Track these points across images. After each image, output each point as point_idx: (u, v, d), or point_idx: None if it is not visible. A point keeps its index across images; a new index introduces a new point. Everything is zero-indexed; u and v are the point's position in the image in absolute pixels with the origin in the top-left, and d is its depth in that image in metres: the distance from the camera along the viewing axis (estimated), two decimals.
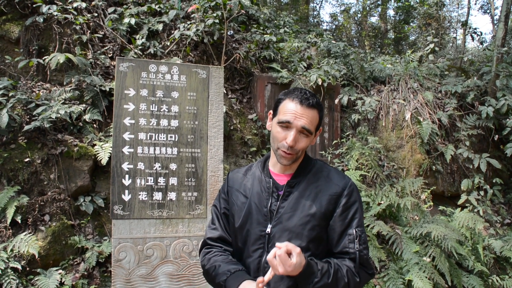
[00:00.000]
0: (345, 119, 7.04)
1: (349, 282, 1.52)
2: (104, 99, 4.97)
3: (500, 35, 7.10)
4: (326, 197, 1.62)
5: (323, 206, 1.60)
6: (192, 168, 3.18)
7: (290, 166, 1.69)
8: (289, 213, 1.60)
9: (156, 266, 3.04)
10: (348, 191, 1.64)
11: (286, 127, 1.59)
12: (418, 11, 14.46)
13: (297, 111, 1.58)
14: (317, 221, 1.59)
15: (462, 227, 5.17)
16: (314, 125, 1.63)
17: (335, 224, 1.61)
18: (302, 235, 1.58)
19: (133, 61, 3.14)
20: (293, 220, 1.59)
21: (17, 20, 5.31)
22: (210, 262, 1.67)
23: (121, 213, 2.98)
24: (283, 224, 1.60)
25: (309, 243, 1.58)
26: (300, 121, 1.57)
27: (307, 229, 1.58)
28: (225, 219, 1.79)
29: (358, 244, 1.58)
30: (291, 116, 1.58)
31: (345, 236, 1.60)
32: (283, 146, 1.59)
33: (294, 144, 1.57)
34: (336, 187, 1.64)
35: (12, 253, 3.72)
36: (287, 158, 1.61)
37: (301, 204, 1.61)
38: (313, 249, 1.59)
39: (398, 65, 7.90)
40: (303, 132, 1.59)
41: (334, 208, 1.62)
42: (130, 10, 6.09)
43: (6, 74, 4.98)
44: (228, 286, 1.52)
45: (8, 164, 4.12)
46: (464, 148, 6.50)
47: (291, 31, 8.74)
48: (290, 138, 1.56)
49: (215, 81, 3.31)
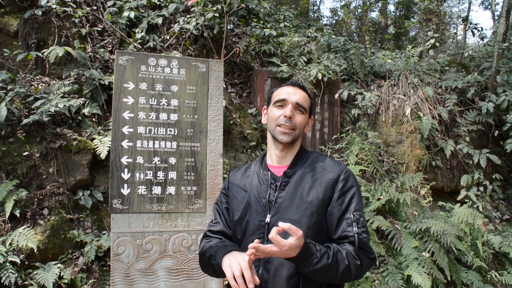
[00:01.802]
0: (345, 114, 7.03)
1: (350, 265, 1.51)
2: (103, 92, 4.95)
3: (501, 30, 7.07)
4: (323, 184, 1.64)
5: (320, 193, 1.63)
6: (191, 162, 3.16)
7: (286, 154, 1.74)
8: (287, 202, 1.63)
9: (155, 260, 3.03)
10: (344, 176, 1.66)
11: (281, 105, 1.70)
12: (418, 6, 14.39)
13: (290, 91, 1.72)
14: (315, 208, 1.61)
15: (461, 222, 5.17)
16: (307, 104, 1.75)
17: (333, 209, 1.62)
18: (300, 222, 1.59)
19: (132, 55, 3.11)
20: (291, 208, 1.62)
21: (15, 13, 5.27)
22: (205, 247, 1.72)
23: (120, 207, 2.97)
24: (281, 213, 1.62)
25: (308, 230, 1.59)
26: (293, 97, 1.70)
27: (306, 217, 1.60)
28: (227, 215, 1.82)
29: (357, 227, 1.59)
30: (285, 94, 1.71)
31: (343, 220, 1.61)
32: (282, 120, 1.67)
33: (292, 116, 1.67)
34: (332, 173, 1.67)
35: (10, 247, 3.72)
36: (287, 133, 1.67)
37: (298, 193, 1.64)
38: (313, 236, 1.59)
39: (399, 60, 7.87)
40: (298, 109, 1.70)
41: (332, 194, 1.63)
42: (129, 4, 6.05)
43: (4, 67, 4.95)
44: (216, 256, 1.56)
45: (7, 157, 4.10)
46: (464, 144, 6.49)
47: (291, 26, 8.70)
48: (288, 110, 1.67)
49: (215, 75, 3.29)
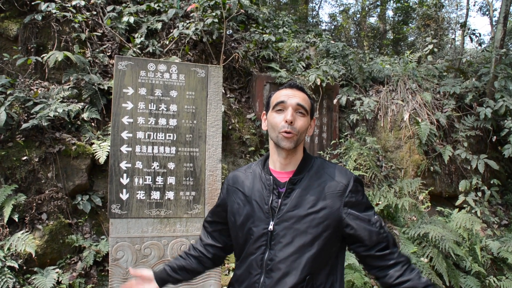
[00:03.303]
0: (344, 119, 7.04)
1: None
2: (103, 97, 4.96)
3: (499, 36, 7.11)
4: (330, 194, 1.60)
5: (328, 203, 1.58)
6: (190, 167, 3.17)
7: (290, 161, 1.68)
8: (292, 211, 1.59)
9: (154, 265, 3.03)
10: (352, 186, 1.62)
11: (281, 109, 1.63)
12: (417, 12, 14.47)
13: (288, 93, 1.65)
14: (322, 218, 1.57)
15: (459, 228, 5.17)
16: (308, 105, 1.67)
17: (356, 223, 1.59)
18: (306, 232, 1.56)
19: (131, 60, 3.13)
20: (297, 218, 1.57)
21: (15, 17, 5.28)
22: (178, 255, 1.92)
23: (118, 212, 2.97)
24: (288, 223, 1.58)
25: (314, 240, 1.56)
26: (293, 99, 1.63)
27: (312, 227, 1.56)
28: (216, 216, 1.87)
29: (384, 229, 1.60)
30: (284, 97, 1.64)
31: (372, 226, 1.59)
32: (283, 126, 1.60)
33: (293, 120, 1.60)
34: (339, 184, 1.62)
35: (9, 252, 3.71)
36: (289, 139, 1.61)
37: (304, 201, 1.59)
38: (318, 247, 1.56)
39: (397, 66, 7.91)
40: (299, 111, 1.63)
41: (340, 204, 1.59)
42: (129, 9, 6.08)
43: (4, 72, 4.95)
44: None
45: (6, 162, 4.10)
46: (462, 149, 6.50)
47: (290, 31, 8.73)
48: (289, 114, 1.59)
49: (214, 80, 3.30)
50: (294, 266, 1.54)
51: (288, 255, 1.55)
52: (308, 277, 1.54)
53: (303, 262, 1.54)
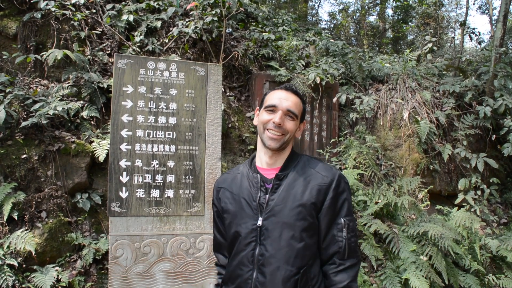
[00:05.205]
0: (343, 117, 7.04)
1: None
2: (102, 96, 4.95)
3: (499, 35, 7.11)
4: (315, 188, 1.65)
5: (313, 197, 1.63)
6: (190, 165, 3.17)
7: (276, 160, 1.74)
8: (280, 205, 1.63)
9: (153, 263, 3.03)
10: (336, 182, 1.67)
11: (272, 111, 1.70)
12: (416, 11, 14.46)
13: (282, 96, 1.71)
14: (308, 211, 1.62)
15: (459, 226, 5.18)
16: (299, 110, 1.73)
17: (324, 214, 1.64)
18: (294, 225, 1.60)
19: (131, 58, 3.12)
20: (284, 211, 1.62)
21: (14, 15, 5.28)
22: None
23: (118, 210, 2.97)
24: (276, 217, 1.62)
25: (302, 233, 1.60)
26: (285, 103, 1.69)
27: (299, 219, 1.61)
28: (219, 221, 1.87)
29: (346, 233, 1.62)
30: (276, 100, 1.70)
31: (334, 225, 1.64)
32: (271, 125, 1.67)
33: (281, 123, 1.66)
34: (324, 178, 1.67)
35: (8, 250, 3.71)
36: (275, 139, 1.67)
37: (291, 196, 1.64)
38: (307, 239, 1.61)
39: (396, 64, 7.90)
40: (288, 115, 1.70)
41: (324, 199, 1.64)
42: (128, 7, 6.07)
43: (3, 70, 4.95)
44: None
45: (5, 160, 4.10)
46: (462, 148, 6.51)
47: (289, 30, 8.73)
48: (277, 116, 1.66)
49: (214, 78, 3.30)
50: (285, 260, 1.57)
51: (279, 249, 1.59)
52: (302, 270, 1.57)
53: (293, 255, 1.58)
